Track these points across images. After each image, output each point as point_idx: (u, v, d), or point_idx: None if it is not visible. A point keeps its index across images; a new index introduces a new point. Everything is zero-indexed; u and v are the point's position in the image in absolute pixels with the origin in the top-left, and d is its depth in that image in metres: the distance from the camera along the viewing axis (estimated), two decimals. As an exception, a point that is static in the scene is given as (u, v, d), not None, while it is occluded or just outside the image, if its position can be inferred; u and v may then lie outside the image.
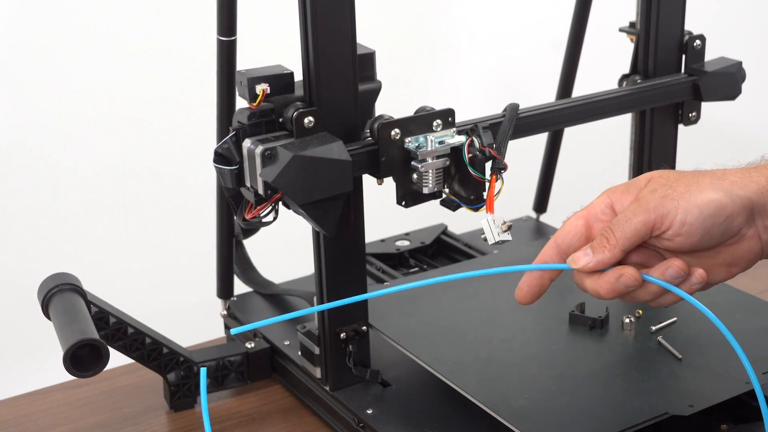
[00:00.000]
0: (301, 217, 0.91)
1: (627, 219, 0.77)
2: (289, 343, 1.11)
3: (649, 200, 0.77)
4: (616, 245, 0.77)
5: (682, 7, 1.15)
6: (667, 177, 0.78)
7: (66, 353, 0.87)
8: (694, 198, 0.76)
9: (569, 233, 0.81)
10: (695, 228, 0.76)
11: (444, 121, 0.95)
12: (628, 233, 0.77)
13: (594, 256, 0.78)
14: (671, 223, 0.76)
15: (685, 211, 0.76)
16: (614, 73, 1.19)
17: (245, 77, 0.91)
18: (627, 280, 0.77)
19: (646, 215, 0.77)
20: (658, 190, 0.77)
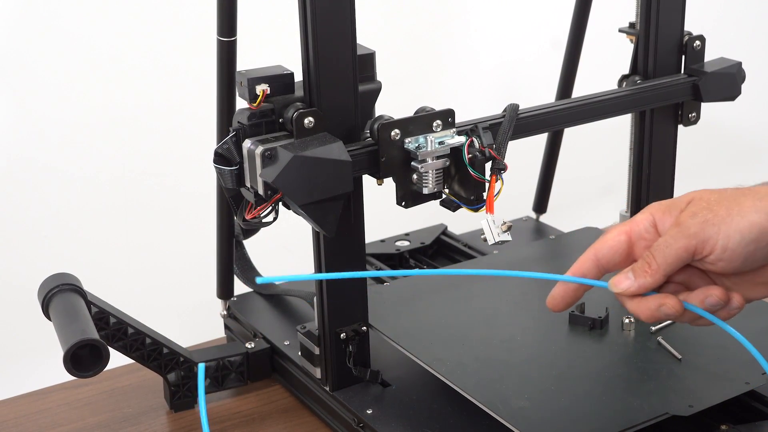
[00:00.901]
0: (301, 217, 0.91)
1: (668, 245, 0.76)
2: (289, 344, 1.11)
3: (689, 225, 0.76)
4: (657, 270, 0.77)
5: (681, 8, 1.15)
6: (707, 199, 0.77)
7: (66, 353, 0.87)
8: (735, 223, 0.74)
9: (612, 248, 0.80)
10: (737, 253, 0.75)
11: (444, 121, 0.95)
12: (669, 259, 0.76)
13: (636, 280, 0.77)
14: (712, 248, 0.75)
15: (726, 237, 0.74)
16: (614, 73, 1.19)
17: (245, 78, 0.91)
18: (668, 310, 0.77)
19: (687, 241, 0.75)
20: (699, 214, 0.76)
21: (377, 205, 1.08)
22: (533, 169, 1.44)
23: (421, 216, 1.18)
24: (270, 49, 1.26)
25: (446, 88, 1.62)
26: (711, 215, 0.75)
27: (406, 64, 1.57)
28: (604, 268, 0.80)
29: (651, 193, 1.21)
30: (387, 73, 1.05)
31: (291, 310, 1.20)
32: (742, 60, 1.17)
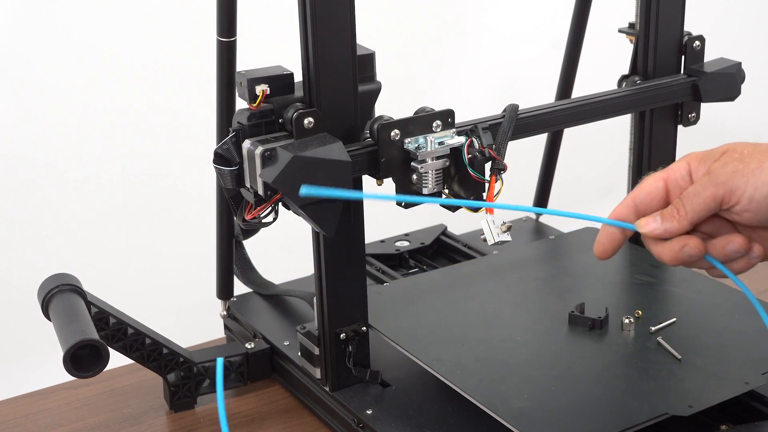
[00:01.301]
0: (300, 217, 0.91)
1: (696, 192, 0.78)
2: (288, 344, 1.11)
3: (719, 174, 0.77)
4: (685, 217, 0.79)
5: (681, 8, 1.15)
6: (741, 151, 0.78)
7: (66, 354, 0.87)
8: (765, 175, 0.76)
9: (649, 194, 0.81)
10: (764, 205, 0.76)
11: (444, 121, 0.95)
12: (697, 206, 0.78)
13: (662, 224, 0.79)
14: (739, 198, 0.77)
15: (753, 188, 0.76)
16: (614, 73, 1.19)
17: (245, 78, 0.92)
18: (690, 251, 0.79)
19: (715, 189, 0.77)
20: (729, 164, 0.77)
21: (377, 205, 1.08)
22: (533, 169, 1.44)
23: (420, 216, 1.19)
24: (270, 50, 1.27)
25: (446, 89, 1.62)
26: (742, 166, 0.77)
27: (405, 65, 1.57)
28: (642, 214, 0.82)
29: (651, 193, 1.21)
30: (387, 73, 1.05)
31: (291, 310, 1.20)
32: (741, 60, 1.17)
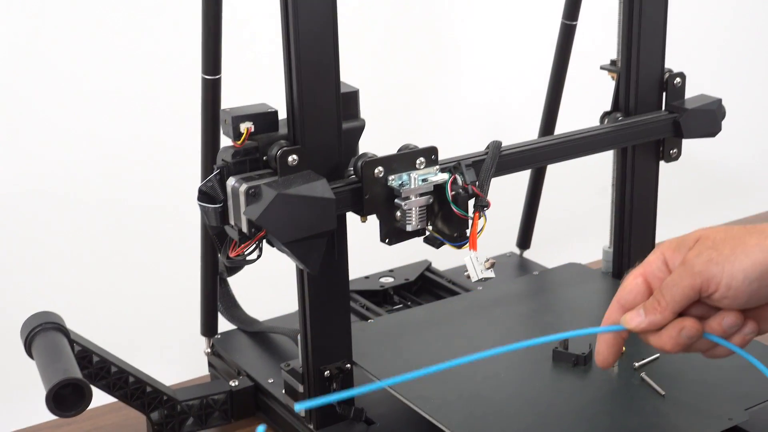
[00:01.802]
0: (285, 254, 0.91)
1: (675, 283, 0.79)
2: (273, 381, 1.11)
3: (694, 264, 0.78)
4: (666, 308, 0.79)
5: (662, 45, 1.16)
6: (713, 238, 0.79)
7: (49, 393, 0.86)
8: (739, 262, 0.76)
9: (631, 292, 0.83)
10: (741, 291, 0.77)
11: (427, 158, 0.96)
12: (676, 297, 0.79)
13: (646, 317, 0.80)
14: (717, 286, 0.77)
15: (730, 276, 0.76)
16: (596, 110, 1.20)
17: (230, 116, 0.92)
18: (688, 332, 0.79)
19: (692, 279, 0.78)
20: (704, 253, 0.78)
21: (361, 241, 1.08)
22: (517, 204, 1.44)
23: (405, 252, 1.19)
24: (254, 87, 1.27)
25: (429, 126, 1.63)
26: (716, 254, 0.77)
27: (389, 102, 1.58)
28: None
29: (633, 228, 1.21)
30: (370, 110, 1.05)
31: (275, 347, 1.20)
32: (722, 97, 1.19)
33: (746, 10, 1.93)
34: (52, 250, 1.42)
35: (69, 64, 1.38)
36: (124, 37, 1.40)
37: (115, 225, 1.44)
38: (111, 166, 1.43)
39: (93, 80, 1.40)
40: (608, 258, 1.27)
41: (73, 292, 1.43)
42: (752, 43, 1.96)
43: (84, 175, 1.41)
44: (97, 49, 1.39)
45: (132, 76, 1.41)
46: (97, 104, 1.40)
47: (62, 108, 1.39)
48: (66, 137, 1.40)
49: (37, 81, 1.37)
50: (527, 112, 1.47)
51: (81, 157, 1.41)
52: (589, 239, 1.50)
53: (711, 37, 1.89)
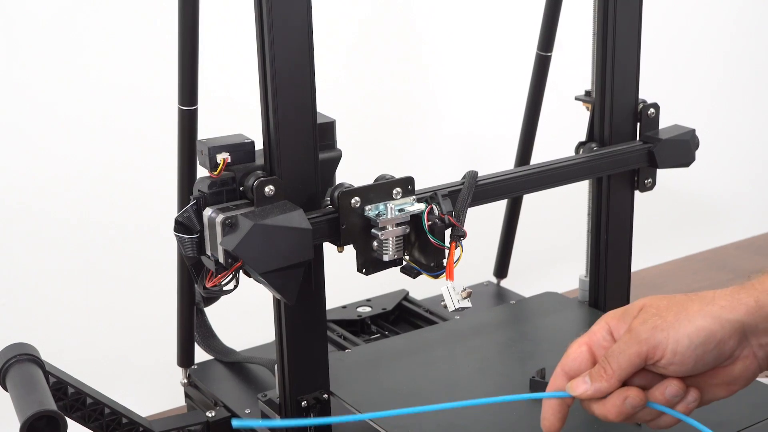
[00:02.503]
0: (261, 285, 0.91)
1: (621, 350, 0.80)
2: (249, 412, 1.10)
3: (640, 332, 0.79)
4: (612, 375, 0.80)
5: (635, 77, 1.18)
6: (657, 306, 0.80)
7: (23, 425, 0.85)
8: (684, 328, 0.78)
9: (575, 360, 0.84)
10: (687, 357, 0.78)
11: (404, 189, 0.96)
12: (623, 364, 0.80)
13: (592, 384, 0.81)
14: (663, 353, 0.78)
15: (675, 342, 0.78)
16: (571, 140, 1.21)
17: (206, 146, 0.92)
18: (633, 401, 0.80)
19: (638, 347, 0.79)
20: (649, 320, 0.79)
21: (338, 271, 1.08)
22: (494, 233, 1.45)
23: (382, 282, 1.19)
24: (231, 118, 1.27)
25: (405, 156, 1.64)
26: (660, 321, 0.79)
27: (366, 132, 1.59)
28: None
29: (609, 257, 1.22)
30: (347, 141, 1.06)
31: (252, 377, 1.19)
32: (695, 127, 1.20)
33: (721, 41, 1.95)
34: (27, 281, 1.42)
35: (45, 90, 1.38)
36: (102, 67, 1.40)
37: (91, 255, 1.44)
38: (87, 196, 1.42)
39: (70, 108, 1.39)
40: (585, 287, 1.28)
41: (49, 323, 1.42)
42: (727, 74, 1.98)
43: (60, 206, 1.41)
44: (75, 77, 1.39)
45: (108, 105, 1.41)
46: (72, 133, 1.40)
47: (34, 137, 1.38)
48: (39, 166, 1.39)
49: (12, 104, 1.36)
50: (503, 142, 1.48)
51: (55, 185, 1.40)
52: (565, 268, 1.51)
53: (685, 68, 1.91)
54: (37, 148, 1.39)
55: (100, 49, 1.40)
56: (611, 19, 1.14)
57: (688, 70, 1.91)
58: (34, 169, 1.39)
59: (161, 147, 1.24)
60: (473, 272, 1.41)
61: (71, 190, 1.41)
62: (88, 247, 1.44)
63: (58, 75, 1.38)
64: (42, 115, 1.38)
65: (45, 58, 1.37)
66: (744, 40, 1.99)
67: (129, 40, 1.41)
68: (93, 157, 1.42)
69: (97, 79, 1.40)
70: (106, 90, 1.41)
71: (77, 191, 1.42)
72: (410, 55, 1.64)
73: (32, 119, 1.38)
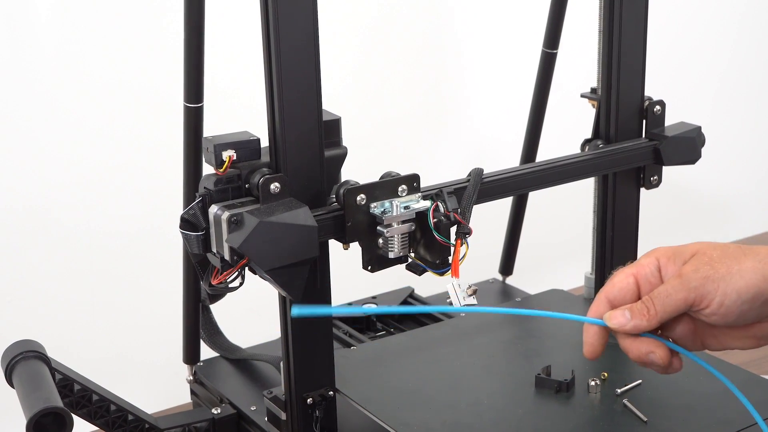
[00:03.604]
0: (267, 282, 0.91)
1: (668, 294, 0.79)
2: (255, 409, 1.11)
3: (690, 279, 0.79)
4: (654, 316, 0.80)
5: (641, 73, 1.18)
6: (710, 255, 0.80)
7: (29, 422, 0.86)
8: (734, 282, 0.78)
9: (621, 290, 0.82)
10: (731, 310, 0.78)
11: (409, 186, 0.96)
12: (667, 308, 0.79)
13: (632, 320, 0.80)
14: (709, 303, 0.78)
15: (723, 294, 0.78)
16: (577, 137, 1.21)
17: (212, 144, 0.92)
18: (656, 359, 0.80)
19: (686, 293, 0.79)
20: (700, 269, 0.79)
21: (344, 268, 1.08)
22: (499, 231, 1.45)
23: (388, 279, 1.19)
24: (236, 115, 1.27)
25: (411, 153, 1.64)
26: (712, 272, 0.78)
27: (371, 130, 1.59)
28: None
29: (615, 254, 1.22)
30: (353, 138, 1.06)
31: (257, 374, 1.19)
32: (701, 124, 1.20)
33: (726, 37, 1.95)
34: (34, 279, 1.42)
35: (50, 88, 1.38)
36: (107, 64, 1.40)
37: (97, 252, 1.44)
38: (92, 193, 1.42)
39: (76, 106, 1.40)
40: (590, 284, 1.27)
41: (55, 320, 1.42)
42: (733, 71, 1.98)
43: (65, 202, 1.41)
44: (80, 74, 1.39)
45: (114, 102, 1.41)
46: (78, 131, 1.40)
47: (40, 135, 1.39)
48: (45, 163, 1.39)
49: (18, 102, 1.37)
50: (509, 139, 1.48)
51: (61, 183, 1.40)
52: (571, 266, 1.51)
53: (691, 65, 1.90)
54: (42, 146, 1.39)
55: (105, 46, 1.40)
56: (617, 16, 1.14)
57: (695, 66, 1.91)
58: (39, 167, 1.39)
59: (167, 144, 1.24)
60: (479, 269, 1.41)
61: (77, 188, 1.41)
62: (94, 245, 1.44)
63: (62, 72, 1.38)
64: (48, 113, 1.38)
65: (49, 56, 1.37)
66: (750, 36, 1.99)
67: (135, 38, 1.41)
68: (99, 155, 1.42)
69: (103, 77, 1.40)
70: (111, 87, 1.41)
71: (83, 189, 1.42)
72: (416, 52, 1.64)
73: (39, 117, 1.38)
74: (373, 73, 1.61)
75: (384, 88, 1.62)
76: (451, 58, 1.67)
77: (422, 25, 1.64)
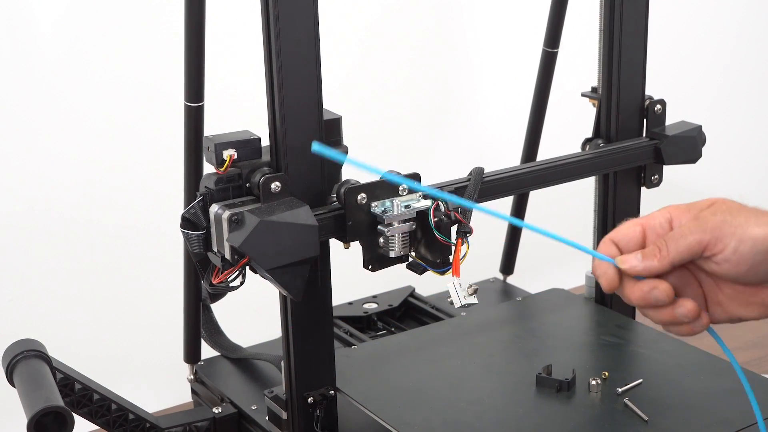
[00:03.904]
0: (268, 281, 0.91)
1: (682, 234, 0.78)
2: (256, 408, 1.11)
3: (708, 220, 0.77)
4: (666, 257, 0.78)
5: (642, 73, 1.18)
6: (729, 205, 0.79)
7: (30, 421, 0.86)
8: (751, 230, 0.76)
9: (626, 235, 0.81)
10: (745, 258, 0.76)
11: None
12: (681, 248, 0.78)
13: (643, 261, 0.78)
14: (724, 247, 0.77)
15: (739, 240, 0.76)
16: (577, 137, 1.21)
17: (212, 143, 0.92)
18: (659, 294, 0.78)
19: (702, 234, 0.77)
20: (719, 214, 0.78)
21: (344, 267, 1.08)
22: (500, 230, 1.45)
23: (388, 278, 1.19)
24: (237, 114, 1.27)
25: (412, 153, 1.64)
26: (730, 218, 0.77)
27: (372, 129, 1.59)
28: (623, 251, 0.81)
29: (616, 254, 1.22)
30: (353, 137, 1.06)
31: (258, 374, 1.19)
32: (702, 123, 1.20)
33: (727, 37, 1.95)
34: (35, 278, 1.42)
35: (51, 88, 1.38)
36: (108, 64, 1.40)
37: (98, 252, 1.44)
38: (93, 193, 1.42)
39: (77, 105, 1.40)
40: (591, 283, 1.27)
41: (56, 320, 1.42)
42: (735, 70, 1.98)
43: (66, 201, 1.41)
44: (81, 74, 1.39)
45: (114, 102, 1.41)
46: (79, 130, 1.40)
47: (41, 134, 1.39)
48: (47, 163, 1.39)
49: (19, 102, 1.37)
50: (509, 138, 1.48)
51: (62, 182, 1.40)
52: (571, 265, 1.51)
53: (692, 64, 1.90)
54: (43, 145, 1.39)
55: (106, 46, 1.40)
56: (618, 15, 1.14)
57: (696, 65, 1.91)
58: (40, 166, 1.39)
59: (168, 144, 1.24)
60: (479, 269, 1.41)
61: (78, 187, 1.42)
62: (95, 244, 1.44)
63: (63, 71, 1.38)
64: (49, 112, 1.39)
65: (50, 56, 1.37)
66: (751, 35, 1.99)
67: (135, 38, 1.41)
68: (100, 155, 1.42)
69: (103, 76, 1.40)
70: (112, 87, 1.41)
71: (84, 188, 1.42)
72: (417, 52, 1.64)
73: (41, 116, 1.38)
74: (373, 72, 1.61)
75: (385, 87, 1.62)
76: (452, 58, 1.67)
77: (423, 24, 1.64)
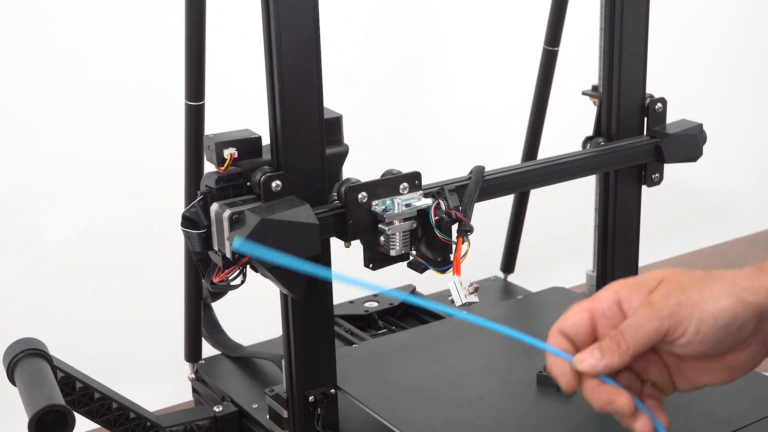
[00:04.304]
0: (268, 280, 0.91)
1: (639, 325, 0.74)
2: (257, 407, 1.11)
3: (662, 306, 0.74)
4: (626, 351, 0.74)
5: (643, 71, 1.17)
6: (678, 280, 0.75)
7: (31, 420, 0.86)
8: (709, 306, 0.73)
9: (575, 324, 0.77)
10: (708, 337, 0.73)
11: (410, 184, 0.96)
12: (639, 339, 0.74)
13: (602, 359, 0.74)
14: (684, 331, 0.73)
15: (699, 320, 0.73)
16: (578, 135, 1.21)
17: (213, 141, 0.92)
18: (618, 408, 0.75)
19: (659, 322, 0.73)
20: (671, 295, 0.74)
21: (345, 265, 1.08)
22: (501, 228, 1.45)
23: (389, 276, 1.19)
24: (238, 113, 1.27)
25: (412, 151, 1.64)
26: (684, 297, 0.74)
27: (373, 127, 1.59)
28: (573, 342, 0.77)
29: (616, 252, 1.22)
30: (354, 136, 1.06)
31: (259, 372, 1.19)
32: (702, 122, 1.20)
33: (728, 34, 1.95)
34: (35, 277, 1.42)
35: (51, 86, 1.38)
36: (108, 62, 1.40)
37: (98, 251, 1.44)
38: (94, 192, 1.42)
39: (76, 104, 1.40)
40: (592, 282, 1.27)
41: (56, 319, 1.42)
42: (735, 68, 1.98)
43: (66, 200, 1.41)
44: (81, 72, 1.39)
45: (114, 101, 1.41)
46: (79, 129, 1.40)
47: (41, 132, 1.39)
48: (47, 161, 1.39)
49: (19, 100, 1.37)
50: (510, 137, 1.48)
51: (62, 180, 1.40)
52: (572, 263, 1.51)
53: (692, 62, 1.90)
54: (43, 143, 1.39)
55: (106, 44, 1.40)
56: (618, 13, 1.14)
57: (696, 64, 1.91)
58: (41, 165, 1.39)
59: (168, 142, 1.24)
60: (480, 267, 1.41)
61: (78, 186, 1.42)
62: (95, 243, 1.44)
63: (63, 70, 1.38)
64: (49, 111, 1.39)
65: (50, 54, 1.37)
66: (752, 34, 1.99)
67: (136, 36, 1.41)
68: (100, 154, 1.42)
69: (104, 75, 1.40)
70: (113, 86, 1.41)
71: (84, 187, 1.42)
72: (417, 50, 1.64)
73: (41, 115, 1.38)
74: (374, 71, 1.61)
75: (386, 85, 1.62)
76: (452, 56, 1.67)
77: (424, 22, 1.64)
